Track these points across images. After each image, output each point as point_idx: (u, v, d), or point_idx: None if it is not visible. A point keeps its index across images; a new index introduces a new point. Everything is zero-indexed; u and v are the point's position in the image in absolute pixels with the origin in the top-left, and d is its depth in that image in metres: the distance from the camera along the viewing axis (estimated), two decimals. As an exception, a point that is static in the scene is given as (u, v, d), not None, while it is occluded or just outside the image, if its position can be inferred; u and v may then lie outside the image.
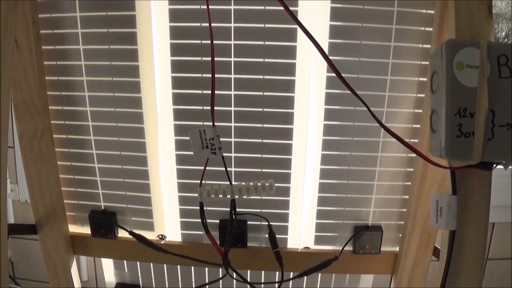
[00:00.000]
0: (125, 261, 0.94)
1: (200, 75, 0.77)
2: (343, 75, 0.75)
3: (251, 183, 0.74)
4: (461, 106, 0.52)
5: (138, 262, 0.94)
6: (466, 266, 0.61)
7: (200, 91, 0.78)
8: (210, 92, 0.70)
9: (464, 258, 0.62)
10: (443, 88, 0.53)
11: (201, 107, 0.79)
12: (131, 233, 0.85)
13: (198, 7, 0.74)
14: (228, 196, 0.73)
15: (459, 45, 0.53)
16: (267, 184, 0.74)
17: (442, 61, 0.53)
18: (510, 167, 0.57)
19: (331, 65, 0.60)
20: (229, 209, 0.82)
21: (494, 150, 0.53)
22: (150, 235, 0.86)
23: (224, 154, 0.78)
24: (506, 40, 1.19)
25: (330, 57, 0.73)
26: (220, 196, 0.73)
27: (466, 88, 0.52)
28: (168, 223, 0.86)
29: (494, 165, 0.58)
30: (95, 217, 0.87)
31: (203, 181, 0.70)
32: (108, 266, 0.97)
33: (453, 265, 0.61)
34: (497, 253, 1.06)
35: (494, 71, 0.53)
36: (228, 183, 0.72)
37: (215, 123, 0.73)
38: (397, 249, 0.86)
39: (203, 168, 0.69)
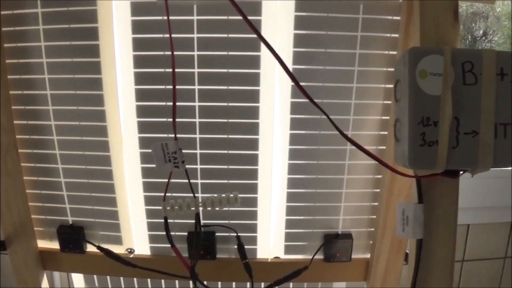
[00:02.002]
0: (95, 276, 0.93)
1: (164, 86, 0.76)
2: (309, 83, 0.76)
3: (216, 195, 0.73)
4: (424, 115, 0.52)
5: (108, 277, 0.92)
6: (435, 275, 0.61)
7: (164, 103, 0.77)
8: (178, 103, 0.70)
9: (433, 267, 0.62)
10: (406, 97, 0.52)
11: (165, 119, 0.78)
12: (98, 247, 0.83)
13: (161, 17, 0.73)
14: (193, 209, 0.73)
15: (422, 53, 0.52)
16: (231, 195, 0.74)
17: (405, 69, 0.52)
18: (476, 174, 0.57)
19: (290, 74, 0.59)
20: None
21: (459, 158, 0.52)
22: (118, 249, 0.85)
23: (190, 166, 0.78)
24: (483, 38, 1.19)
25: (296, 66, 0.75)
26: (185, 209, 0.73)
27: (429, 97, 0.52)
28: (136, 236, 0.85)
29: (461, 172, 0.58)
30: (63, 232, 0.85)
31: (168, 194, 0.70)
32: (78, 281, 0.95)
33: (422, 274, 0.61)
34: (473, 254, 1.06)
35: (459, 78, 0.52)
36: (193, 196, 0.71)
37: (179, 136, 0.72)
38: (369, 256, 0.85)
39: (165, 181, 0.68)
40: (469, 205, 0.99)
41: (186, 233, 0.83)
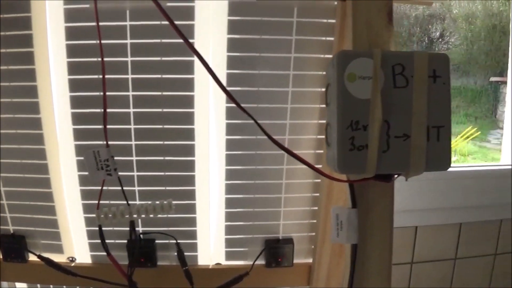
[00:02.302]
0: (38, 285, 0.92)
1: (98, 93, 0.75)
2: (244, 88, 0.75)
3: (150, 203, 0.73)
4: (353, 119, 0.51)
5: (51, 286, 0.91)
6: (371, 280, 0.60)
7: (99, 110, 0.76)
8: (112, 110, 0.72)
9: (369, 272, 0.61)
10: (335, 101, 0.52)
11: (101, 126, 0.77)
12: (39, 256, 0.82)
13: (94, 24, 0.72)
14: (127, 217, 0.72)
15: (350, 56, 0.51)
16: (165, 202, 0.73)
17: (334, 73, 0.52)
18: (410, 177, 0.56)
19: (215, 78, 0.59)
20: (137, 228, 0.81)
21: (390, 162, 0.52)
22: (60, 258, 0.84)
23: (126, 173, 0.77)
24: (440, 40, 1.19)
25: (230, 71, 0.75)
26: (118, 217, 0.72)
27: (358, 100, 0.51)
28: (76, 245, 0.84)
29: (396, 176, 0.57)
30: (5, 242, 0.84)
31: (105, 202, 0.70)
32: (23, 290, 0.94)
33: (357, 279, 0.60)
34: (422, 256, 1.06)
35: (389, 81, 0.52)
36: (128, 203, 0.71)
37: (115, 143, 0.72)
38: (311, 260, 0.85)
39: (104, 189, 0.69)
40: (416, 207, 0.99)
41: (125, 241, 0.82)
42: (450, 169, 1.03)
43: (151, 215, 0.73)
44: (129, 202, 0.73)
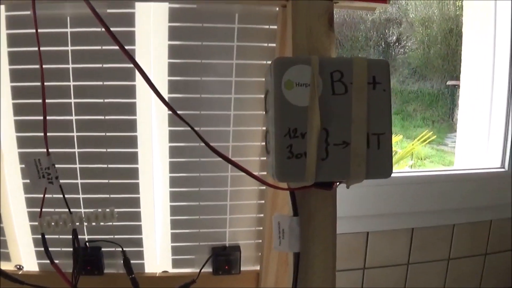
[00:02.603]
0: (-13, 293, 0.91)
1: (41, 100, 0.75)
2: (185, 95, 0.75)
3: (92, 211, 0.72)
4: (290, 127, 0.50)
5: (0, 294, 0.91)
6: (315, 287, 0.60)
7: (42, 117, 0.75)
8: (54, 117, 0.72)
9: (312, 279, 0.61)
10: (272, 108, 0.51)
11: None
12: (-14, 265, 0.82)
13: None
14: (70, 225, 0.72)
15: (287, 63, 0.51)
16: (107, 210, 0.73)
17: (271, 80, 0.51)
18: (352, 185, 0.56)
19: (148, 81, 0.58)
20: (83, 236, 0.80)
21: (329, 169, 0.51)
22: (7, 266, 0.83)
23: (70, 181, 0.77)
24: (397, 44, 1.18)
25: (172, 78, 0.74)
26: (61, 225, 0.72)
27: (296, 108, 0.50)
28: (23, 253, 0.83)
29: (337, 183, 0.56)
30: (-47, 249, 0.84)
31: (50, 210, 0.71)
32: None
33: (301, 287, 0.60)
34: (374, 262, 1.05)
35: (328, 88, 0.51)
36: (70, 211, 0.70)
37: (58, 150, 0.72)
38: (258, 268, 0.84)
39: (48, 196, 0.68)
40: (367, 213, 0.98)
41: (71, 249, 0.81)
42: (402, 175, 1.03)
43: (94, 223, 0.72)
44: (74, 210, 0.72)
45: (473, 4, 1.17)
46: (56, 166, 0.67)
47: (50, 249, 0.82)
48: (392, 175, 0.53)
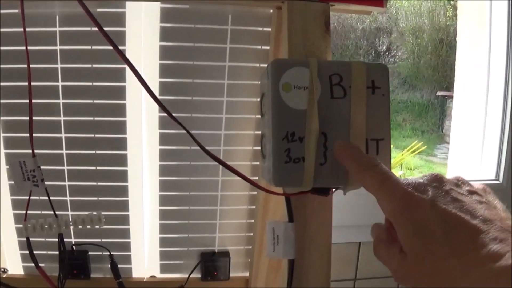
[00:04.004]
0: (-29, 297, 0.89)
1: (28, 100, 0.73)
2: (177, 97, 0.74)
3: (79, 214, 0.71)
4: (288, 131, 0.48)
5: (-17, 297, 0.89)
6: None
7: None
8: (42, 118, 0.71)
9: (308, 286, 0.59)
10: (269, 111, 0.49)
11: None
12: (-31, 268, 0.80)
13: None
14: (56, 228, 0.70)
15: (285, 65, 0.49)
16: (95, 214, 0.71)
17: (268, 82, 0.49)
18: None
19: (142, 82, 0.56)
20: (70, 239, 0.79)
21: (327, 175, 0.49)
22: (-9, 269, 0.81)
23: (57, 183, 0.75)
24: (387, 53, 1.17)
25: (163, 79, 0.73)
26: (46, 229, 0.70)
27: (294, 111, 0.48)
28: (8, 256, 0.82)
29: (334, 189, 0.55)
30: None
31: (37, 212, 0.70)
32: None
33: None
34: (366, 272, 1.04)
35: (326, 91, 0.49)
36: (56, 215, 0.69)
37: (45, 152, 0.70)
38: (248, 274, 0.83)
39: (35, 199, 0.67)
40: (359, 223, 0.96)
41: (57, 252, 0.79)
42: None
43: (80, 227, 0.71)
44: (61, 212, 0.71)
45: (467, 14, 1.16)
46: (44, 167, 0.65)
47: (35, 252, 0.80)
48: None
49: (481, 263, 0.29)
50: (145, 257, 0.82)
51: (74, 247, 0.79)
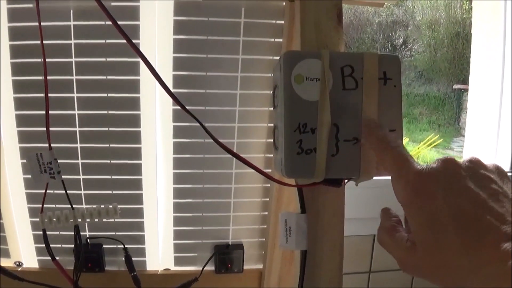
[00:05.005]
0: (-14, 290, 0.90)
1: (43, 94, 0.74)
2: (191, 90, 0.74)
3: (95, 207, 0.71)
4: (300, 122, 0.48)
5: (-1, 291, 0.90)
6: (322, 286, 0.58)
7: (44, 112, 0.74)
8: (56, 112, 0.71)
9: (320, 278, 0.59)
10: (282, 103, 0.49)
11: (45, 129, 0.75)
12: (-15, 261, 0.81)
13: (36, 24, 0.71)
14: (72, 221, 0.71)
15: (297, 57, 0.49)
16: (110, 207, 0.71)
17: (280, 74, 0.49)
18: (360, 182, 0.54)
19: (156, 75, 0.56)
20: (84, 233, 0.79)
21: (339, 166, 0.49)
22: (7, 262, 0.82)
23: (72, 177, 0.75)
24: (403, 47, 1.17)
25: (177, 72, 0.73)
26: (63, 221, 0.70)
27: (306, 102, 0.48)
28: (23, 249, 0.82)
29: (346, 181, 0.55)
30: (-50, 245, 0.82)
31: (51, 206, 0.71)
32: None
33: (308, 286, 0.58)
34: (381, 265, 1.03)
35: (338, 83, 0.49)
36: (72, 207, 0.69)
37: (60, 145, 0.70)
38: (261, 266, 0.83)
39: (50, 192, 0.66)
40: (374, 215, 0.96)
41: (72, 245, 0.80)
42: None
43: (96, 220, 0.71)
44: (76, 206, 0.71)
45: (482, 7, 1.16)
46: (58, 161, 0.65)
47: (50, 245, 0.81)
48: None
49: (490, 262, 0.29)
50: (159, 250, 0.82)
51: (88, 240, 0.80)
